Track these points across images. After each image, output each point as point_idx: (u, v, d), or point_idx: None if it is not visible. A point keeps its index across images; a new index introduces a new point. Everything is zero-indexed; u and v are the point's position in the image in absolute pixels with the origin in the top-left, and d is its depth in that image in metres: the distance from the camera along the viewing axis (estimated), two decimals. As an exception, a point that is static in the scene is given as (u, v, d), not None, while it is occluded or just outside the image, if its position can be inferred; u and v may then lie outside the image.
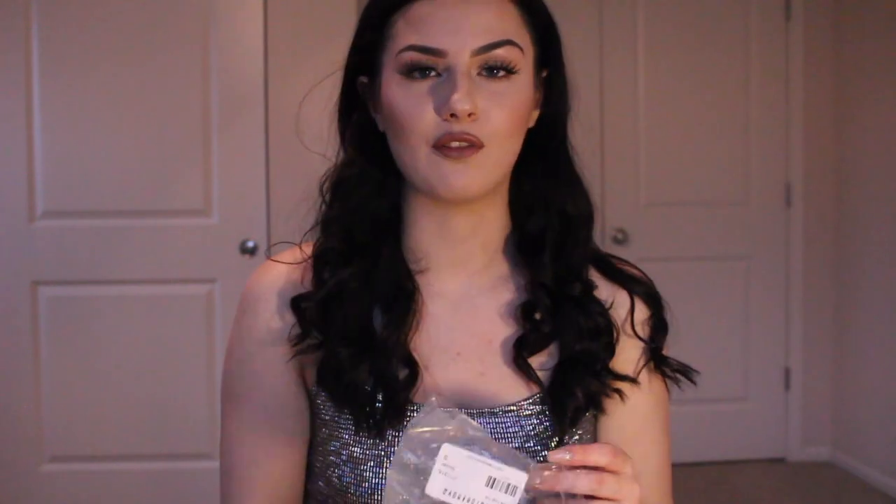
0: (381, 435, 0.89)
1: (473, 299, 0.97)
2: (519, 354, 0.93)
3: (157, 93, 3.11)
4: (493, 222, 0.96)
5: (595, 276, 0.99)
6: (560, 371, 0.94)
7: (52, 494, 3.15)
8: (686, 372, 1.00)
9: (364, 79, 0.94)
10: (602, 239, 3.74)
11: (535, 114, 0.95)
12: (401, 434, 0.88)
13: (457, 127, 0.86)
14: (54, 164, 3.10)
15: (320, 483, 0.95)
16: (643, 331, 0.98)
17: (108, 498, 3.16)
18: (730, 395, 3.96)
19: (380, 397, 0.90)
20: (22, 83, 3.07)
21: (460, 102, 0.84)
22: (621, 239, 3.76)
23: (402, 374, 0.90)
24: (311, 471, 0.97)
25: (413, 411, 0.90)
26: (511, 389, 0.93)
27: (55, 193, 3.11)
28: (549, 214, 0.96)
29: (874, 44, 3.65)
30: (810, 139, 3.90)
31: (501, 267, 0.99)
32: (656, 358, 0.98)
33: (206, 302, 3.18)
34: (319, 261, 0.95)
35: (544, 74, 0.95)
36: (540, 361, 0.94)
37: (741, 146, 3.91)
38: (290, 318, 0.95)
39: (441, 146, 0.87)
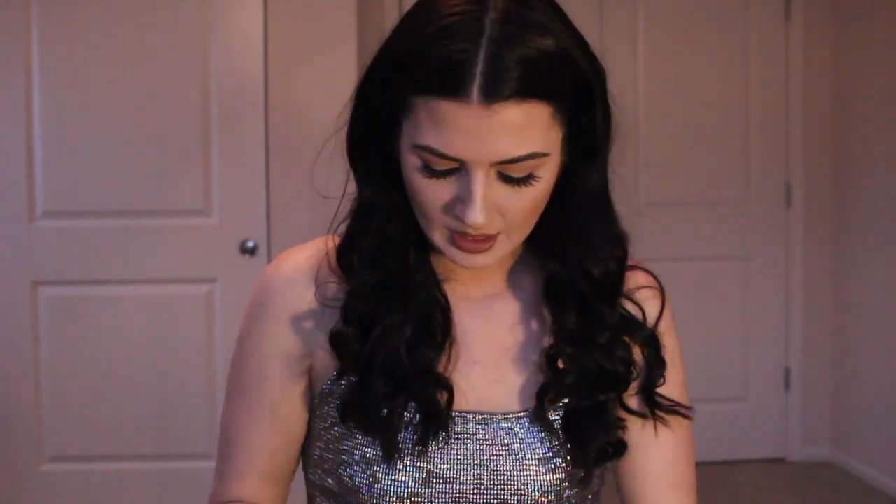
0: (423, 453, 0.90)
1: (490, 307, 0.97)
2: (540, 406, 0.92)
3: (157, 93, 3.11)
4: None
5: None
6: (579, 418, 0.93)
7: (52, 494, 3.15)
8: (678, 410, 0.98)
9: (386, 109, 0.86)
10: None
11: (559, 167, 0.87)
12: (439, 445, 0.90)
13: (472, 230, 0.84)
14: (54, 164, 3.10)
15: (330, 480, 0.95)
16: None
17: (108, 498, 3.16)
18: (730, 395, 3.96)
19: (415, 421, 0.90)
20: (22, 83, 3.07)
21: (475, 217, 0.81)
22: (621, 239, 3.76)
23: (440, 395, 0.90)
24: (321, 466, 0.97)
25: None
26: (525, 396, 0.94)
27: (55, 193, 3.11)
28: (571, 268, 0.92)
29: (874, 43, 3.65)
30: (810, 139, 3.90)
31: (516, 275, 0.98)
32: (650, 399, 0.97)
33: (206, 302, 3.18)
34: (353, 297, 0.92)
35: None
36: (561, 401, 0.94)
37: (741, 146, 3.91)
38: (307, 317, 0.95)
39: (455, 235, 0.86)
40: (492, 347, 0.95)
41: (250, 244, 3.15)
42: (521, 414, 0.93)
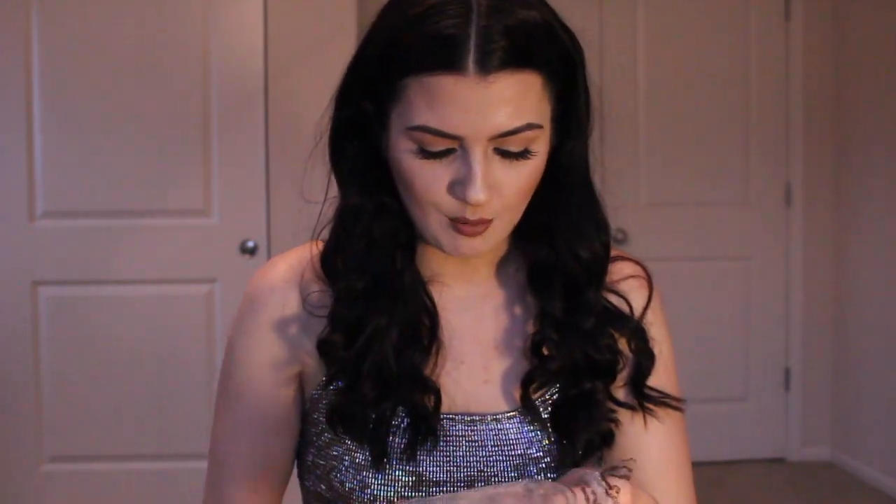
0: (412, 457, 0.89)
1: (477, 306, 0.96)
2: (525, 394, 0.92)
3: (158, 92, 3.11)
4: (501, 241, 0.95)
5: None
6: (568, 408, 0.92)
7: (52, 494, 3.15)
8: (667, 402, 0.97)
9: (369, 105, 0.87)
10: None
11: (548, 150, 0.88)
12: (428, 448, 0.90)
13: (471, 213, 0.84)
14: (54, 164, 3.10)
15: (322, 486, 0.95)
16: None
17: (108, 498, 3.16)
18: (730, 395, 3.96)
19: (403, 426, 0.90)
20: (22, 83, 3.07)
21: (476, 194, 0.82)
22: (621, 239, 3.76)
23: (427, 398, 0.90)
24: (314, 472, 0.96)
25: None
26: (513, 392, 0.93)
27: (55, 193, 3.11)
28: (559, 251, 0.93)
29: (874, 43, 3.65)
30: (810, 139, 3.90)
31: (502, 271, 0.98)
32: (638, 391, 0.96)
33: (206, 302, 3.18)
34: (340, 303, 0.92)
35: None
36: (548, 391, 0.94)
37: (741, 146, 3.91)
38: (292, 324, 0.95)
39: (454, 220, 0.85)
40: (479, 346, 0.95)
41: (250, 244, 3.15)
42: (510, 413, 0.92)
